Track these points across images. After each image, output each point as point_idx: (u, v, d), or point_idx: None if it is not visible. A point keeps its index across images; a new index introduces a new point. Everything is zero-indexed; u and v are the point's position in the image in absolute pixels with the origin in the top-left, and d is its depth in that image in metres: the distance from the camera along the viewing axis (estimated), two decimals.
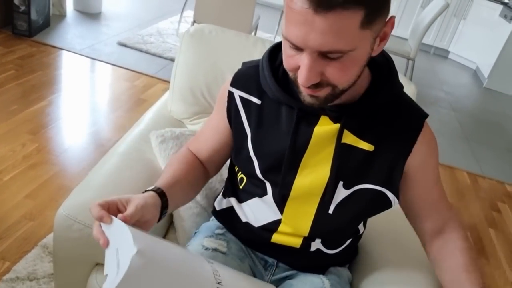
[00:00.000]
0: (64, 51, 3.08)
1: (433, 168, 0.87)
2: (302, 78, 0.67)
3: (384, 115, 0.81)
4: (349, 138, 0.80)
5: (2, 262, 1.42)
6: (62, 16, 3.68)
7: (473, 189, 2.61)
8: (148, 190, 0.77)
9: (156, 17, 4.24)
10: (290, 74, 0.73)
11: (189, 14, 4.07)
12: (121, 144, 1.20)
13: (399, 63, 4.27)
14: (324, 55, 0.66)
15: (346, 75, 0.69)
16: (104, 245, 0.66)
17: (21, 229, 1.57)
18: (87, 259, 0.97)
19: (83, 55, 3.08)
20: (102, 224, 0.68)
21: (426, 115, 0.84)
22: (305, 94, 0.72)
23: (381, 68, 0.81)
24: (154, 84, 2.92)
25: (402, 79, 1.35)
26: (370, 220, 1.16)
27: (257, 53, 1.35)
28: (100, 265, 0.98)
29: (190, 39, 1.36)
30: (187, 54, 1.36)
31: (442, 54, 5.47)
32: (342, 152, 0.80)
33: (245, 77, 0.88)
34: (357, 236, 0.98)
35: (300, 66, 0.68)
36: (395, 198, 0.84)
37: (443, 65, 5.15)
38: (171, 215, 1.15)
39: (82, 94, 2.60)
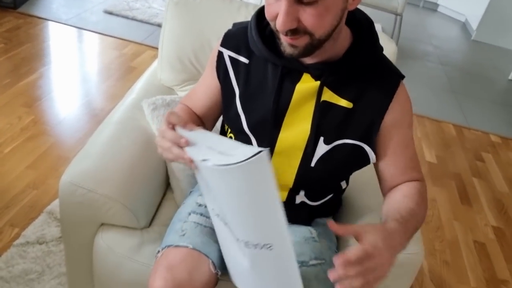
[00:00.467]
0: (50, 22, 3.06)
1: (405, 131, 0.90)
2: (279, 23, 0.74)
3: (363, 75, 0.86)
4: (329, 96, 0.86)
5: (12, 229, 1.51)
6: None
7: (458, 140, 2.71)
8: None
9: None
10: (272, 24, 0.79)
11: None
12: (115, 113, 1.26)
13: (387, 19, 4.28)
14: (300, 1, 0.72)
15: (321, 22, 0.74)
16: (185, 143, 0.74)
17: (26, 197, 1.65)
18: (92, 220, 1.05)
19: (70, 25, 3.07)
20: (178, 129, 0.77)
21: (402, 76, 0.90)
22: (286, 44, 0.78)
23: (363, 30, 0.86)
24: (143, 51, 2.93)
25: (382, 37, 1.40)
26: (354, 174, 1.25)
27: (242, 18, 1.39)
28: (104, 225, 1.06)
29: (175, 7, 1.40)
30: (172, 23, 1.40)
31: (431, 7, 5.43)
32: (322, 109, 0.87)
33: (234, 37, 0.93)
34: (339, 191, 1.05)
35: (278, 14, 0.74)
36: (373, 153, 0.91)
37: (432, 18, 5.13)
38: (168, 177, 1.23)
39: (72, 65, 2.62)
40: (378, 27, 4.34)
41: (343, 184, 1.04)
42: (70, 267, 1.16)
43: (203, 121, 1.02)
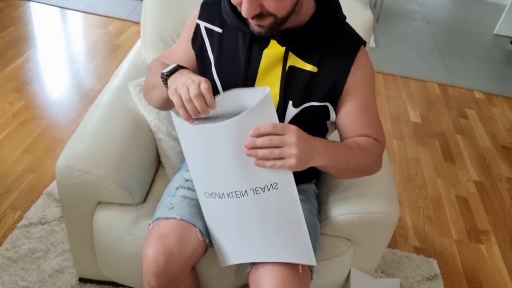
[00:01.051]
0: (32, 3, 3.03)
1: (365, 95, 0.96)
2: (244, 11, 0.80)
3: (327, 41, 0.93)
4: (295, 61, 0.93)
5: (14, 212, 1.58)
6: None
7: (443, 99, 2.77)
8: (175, 70, 0.89)
9: None
10: (238, 8, 0.85)
11: None
12: (103, 96, 1.30)
13: None
14: None
15: (282, 4, 0.81)
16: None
17: (25, 181, 1.71)
18: (89, 199, 1.12)
19: (52, 5, 3.04)
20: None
21: (363, 41, 0.96)
22: (253, 24, 0.85)
23: (325, 1, 0.92)
24: (127, 27, 2.93)
25: (358, 6, 1.44)
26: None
27: None
28: (102, 203, 1.14)
29: None
30: (153, 3, 1.42)
31: None
32: (289, 74, 0.93)
33: (209, 8, 1.00)
34: None
35: (242, 1, 0.80)
36: (334, 112, 0.98)
37: None
38: (159, 155, 1.29)
39: (58, 46, 2.63)
40: None
41: None
42: (72, 244, 1.24)
43: None
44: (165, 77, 0.87)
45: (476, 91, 2.92)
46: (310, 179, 1.19)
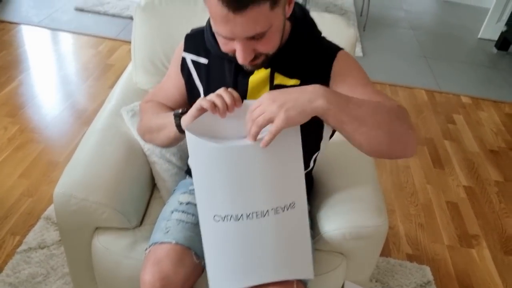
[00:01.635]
0: (22, 26, 3.07)
1: (355, 74, 0.95)
2: (240, 59, 0.85)
3: (306, 56, 0.97)
4: (280, 79, 0.97)
5: (13, 237, 1.60)
6: None
7: (430, 105, 2.83)
8: (178, 114, 0.95)
9: None
10: (230, 54, 0.89)
11: None
12: (97, 122, 1.34)
13: None
14: (251, 38, 0.82)
15: (273, 44, 0.87)
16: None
17: (23, 206, 1.74)
18: (87, 225, 1.15)
19: (43, 27, 3.08)
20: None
21: (340, 48, 1.00)
22: (248, 65, 0.90)
23: (298, 21, 0.97)
24: (118, 46, 2.97)
25: (341, 24, 1.49)
26: (324, 156, 1.36)
27: (207, 18, 1.46)
28: (99, 228, 1.17)
29: (142, 13, 1.46)
30: (142, 28, 1.46)
31: None
32: None
33: (193, 40, 1.05)
34: (307, 171, 1.16)
35: (235, 49, 0.84)
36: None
37: None
38: (153, 178, 1.32)
39: (50, 69, 2.67)
40: None
41: (311, 163, 1.15)
42: (72, 268, 1.26)
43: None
44: (179, 115, 0.94)
45: (463, 96, 2.99)
46: None
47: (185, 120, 0.90)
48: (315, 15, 1.53)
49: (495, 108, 2.89)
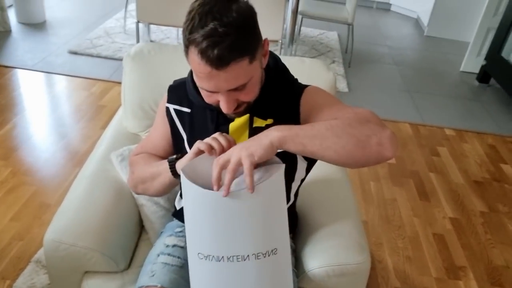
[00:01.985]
0: (17, 70, 3.15)
1: (322, 99, 1.02)
2: (225, 110, 0.92)
3: (278, 98, 1.04)
4: (257, 122, 1.04)
5: (4, 282, 1.61)
6: (7, 31, 3.70)
7: (415, 138, 2.90)
8: (177, 157, 1.01)
9: (101, 17, 4.28)
10: (214, 105, 0.95)
11: (133, 7, 4.14)
12: (87, 167, 1.38)
13: (343, 27, 4.50)
14: (234, 89, 0.89)
15: (254, 93, 0.95)
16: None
17: (13, 249, 1.75)
18: (76, 270, 1.17)
19: (37, 70, 3.17)
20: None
21: (306, 86, 1.07)
22: (231, 113, 0.97)
23: (271, 69, 1.04)
24: (110, 88, 3.05)
25: (322, 68, 1.57)
26: (307, 193, 1.41)
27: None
28: (88, 272, 1.19)
29: (132, 61, 1.54)
30: (131, 76, 1.54)
31: (384, 7, 5.69)
32: (255, 133, 1.03)
33: (176, 92, 1.12)
34: (289, 205, 1.20)
35: (219, 101, 0.91)
36: (301, 157, 1.07)
37: (386, 18, 5.38)
38: (141, 220, 1.36)
39: (44, 111, 2.73)
40: (334, 34, 4.54)
41: (292, 196, 1.19)
42: None
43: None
44: (174, 161, 1.00)
45: (447, 128, 3.07)
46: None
47: (181, 163, 0.96)
48: (296, 59, 1.62)
49: (478, 140, 2.97)
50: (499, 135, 3.06)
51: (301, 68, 1.56)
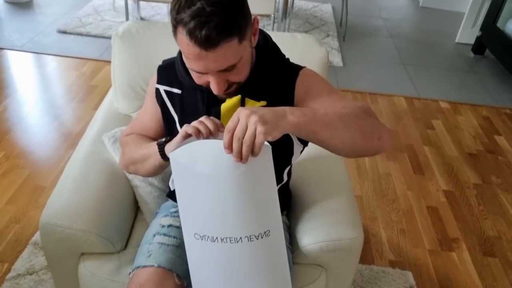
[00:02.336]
0: (5, 51, 3.10)
1: (320, 86, 1.01)
2: (215, 91, 0.91)
3: (271, 79, 1.03)
4: (250, 103, 1.03)
5: (2, 264, 1.63)
6: None
7: (409, 112, 2.90)
8: (165, 141, 0.99)
9: None
10: (204, 86, 0.94)
11: None
12: (80, 150, 1.38)
13: (336, 1, 4.42)
14: (224, 70, 0.88)
15: (243, 74, 0.94)
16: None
17: (10, 232, 1.76)
18: (73, 252, 1.18)
19: (26, 51, 3.11)
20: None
21: (300, 68, 1.05)
22: (222, 94, 0.96)
23: (261, 48, 1.02)
24: (101, 67, 3.01)
25: (314, 44, 1.55)
26: (300, 170, 1.41)
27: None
28: (85, 254, 1.20)
29: (120, 41, 1.51)
30: (120, 55, 1.51)
31: None
32: None
33: (166, 72, 1.10)
34: (282, 184, 1.21)
35: (209, 82, 0.90)
36: (293, 135, 1.04)
37: None
38: (136, 201, 1.36)
39: (35, 92, 2.69)
40: (328, 7, 4.47)
41: (285, 176, 1.20)
42: None
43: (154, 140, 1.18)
44: (163, 144, 0.98)
45: (441, 101, 3.07)
46: (281, 208, 1.27)
47: (169, 147, 0.95)
48: (288, 35, 1.59)
49: (472, 112, 2.98)
50: (494, 107, 3.06)
51: (293, 44, 1.54)
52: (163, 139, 1.00)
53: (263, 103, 1.03)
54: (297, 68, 1.06)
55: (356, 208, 1.29)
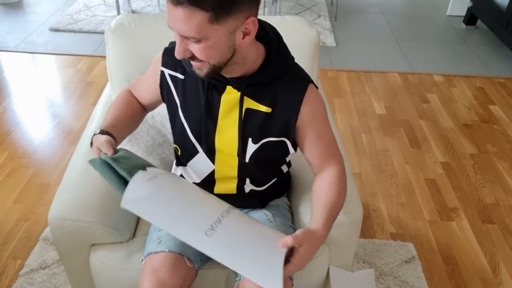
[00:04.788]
0: (0, 52, 3.11)
1: (318, 127, 1.07)
2: (176, 53, 0.91)
3: (277, 83, 1.03)
4: (250, 103, 1.04)
5: (15, 261, 1.68)
6: None
7: (404, 87, 2.92)
8: (97, 134, 1.03)
9: None
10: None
11: None
12: (81, 145, 1.41)
13: None
14: (187, 38, 0.87)
15: (207, 55, 0.89)
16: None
17: (20, 230, 1.81)
18: (83, 244, 1.23)
19: (20, 51, 3.13)
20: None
21: (310, 80, 1.06)
22: (194, 67, 0.96)
23: (272, 46, 1.01)
24: (97, 63, 3.03)
25: (305, 26, 1.57)
26: (298, 152, 1.44)
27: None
28: (95, 245, 1.25)
29: (113, 35, 1.53)
30: (114, 50, 1.53)
31: None
32: (246, 115, 1.05)
33: (171, 55, 1.09)
34: (282, 174, 1.24)
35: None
36: (291, 146, 1.10)
37: None
38: None
39: (32, 92, 2.72)
40: None
41: (284, 168, 1.23)
42: (74, 285, 1.34)
43: (145, 108, 1.23)
44: (95, 134, 1.04)
45: (435, 74, 3.09)
46: (281, 194, 1.31)
47: (97, 139, 1.02)
48: (278, 19, 1.61)
49: (466, 83, 3.00)
50: (488, 77, 3.08)
51: (283, 26, 1.56)
52: (99, 130, 1.04)
53: (268, 109, 1.04)
54: (305, 80, 1.05)
55: (354, 183, 1.33)
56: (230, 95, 1.03)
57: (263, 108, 1.04)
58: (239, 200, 1.19)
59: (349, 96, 2.79)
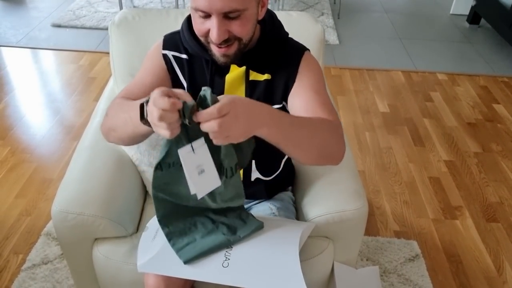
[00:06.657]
0: (1, 48, 3.10)
1: (314, 80, 1.04)
2: (214, 37, 0.91)
3: (275, 55, 1.06)
4: (254, 76, 1.06)
5: (16, 256, 1.67)
6: None
7: (408, 86, 2.91)
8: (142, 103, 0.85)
9: None
10: (203, 39, 0.96)
11: None
12: (85, 139, 1.40)
13: None
14: (226, 16, 0.89)
15: (246, 29, 0.93)
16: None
17: (22, 225, 1.80)
18: (86, 238, 1.22)
19: (22, 47, 3.12)
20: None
21: (306, 48, 1.09)
22: (218, 55, 0.96)
23: (267, 23, 1.06)
24: (99, 59, 3.02)
25: (310, 22, 1.56)
26: None
27: (180, 26, 1.52)
28: (98, 239, 1.24)
29: (117, 29, 1.52)
30: (118, 44, 1.52)
31: None
32: (251, 87, 1.06)
33: (172, 39, 1.10)
34: (286, 160, 1.24)
35: (210, 30, 0.91)
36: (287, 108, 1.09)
37: None
38: (145, 186, 1.39)
39: (34, 87, 2.71)
40: None
41: (282, 164, 1.23)
42: (76, 280, 1.33)
43: None
44: (145, 103, 0.82)
45: (439, 73, 3.07)
46: (285, 187, 1.30)
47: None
48: (283, 14, 1.60)
49: (470, 82, 2.99)
50: (491, 76, 3.07)
51: (289, 22, 1.54)
52: (147, 98, 0.80)
53: (268, 76, 1.06)
54: (301, 48, 1.09)
55: (359, 180, 1.32)
56: (234, 73, 1.05)
57: (264, 77, 1.06)
58: (244, 188, 1.18)
59: (353, 94, 2.78)
